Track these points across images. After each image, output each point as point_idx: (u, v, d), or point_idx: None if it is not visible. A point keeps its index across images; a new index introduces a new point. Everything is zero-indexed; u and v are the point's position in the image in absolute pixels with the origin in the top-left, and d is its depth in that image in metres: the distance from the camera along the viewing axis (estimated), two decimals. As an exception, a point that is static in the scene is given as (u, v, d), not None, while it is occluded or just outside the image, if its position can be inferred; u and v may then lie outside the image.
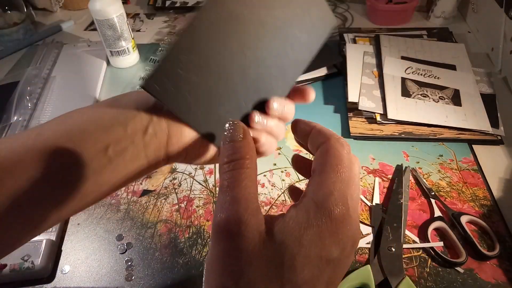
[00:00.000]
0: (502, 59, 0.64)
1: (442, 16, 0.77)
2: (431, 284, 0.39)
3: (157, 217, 0.47)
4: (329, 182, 0.21)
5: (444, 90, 0.58)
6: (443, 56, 0.64)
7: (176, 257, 0.43)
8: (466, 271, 0.40)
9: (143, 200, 0.50)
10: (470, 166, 0.50)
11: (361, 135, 0.54)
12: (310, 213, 0.20)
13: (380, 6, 0.76)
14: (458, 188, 0.48)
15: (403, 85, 0.59)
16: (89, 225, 0.47)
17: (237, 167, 0.22)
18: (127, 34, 0.69)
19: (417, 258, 0.41)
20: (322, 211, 0.20)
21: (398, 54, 0.64)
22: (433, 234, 0.43)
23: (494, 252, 0.40)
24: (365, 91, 0.58)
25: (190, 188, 0.50)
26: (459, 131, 0.53)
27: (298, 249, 0.20)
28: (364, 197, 0.47)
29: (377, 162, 0.52)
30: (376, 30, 0.75)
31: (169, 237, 0.45)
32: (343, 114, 0.59)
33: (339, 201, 0.21)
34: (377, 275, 0.39)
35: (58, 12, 0.94)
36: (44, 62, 0.73)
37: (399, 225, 0.43)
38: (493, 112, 0.55)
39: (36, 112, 0.61)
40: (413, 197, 0.47)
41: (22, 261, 0.41)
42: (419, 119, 0.54)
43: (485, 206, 0.46)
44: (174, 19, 0.88)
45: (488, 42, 0.70)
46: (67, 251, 0.45)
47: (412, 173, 0.50)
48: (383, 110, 0.55)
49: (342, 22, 0.82)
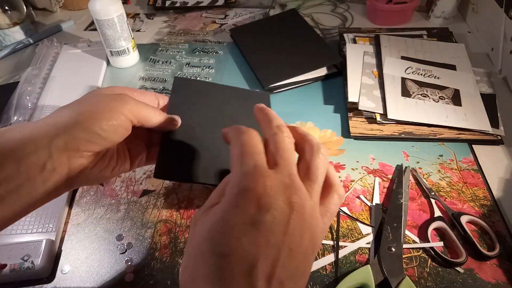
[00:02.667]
0: (502, 59, 0.64)
1: (442, 16, 0.77)
2: (431, 284, 0.39)
3: (157, 217, 0.47)
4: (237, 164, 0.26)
5: (444, 90, 0.58)
6: (443, 56, 0.64)
7: (176, 257, 0.43)
8: (466, 271, 0.40)
9: (143, 200, 0.50)
10: (470, 166, 0.50)
11: (361, 135, 0.54)
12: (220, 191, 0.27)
13: (380, 6, 0.76)
14: (458, 188, 0.48)
15: (403, 85, 0.59)
16: (89, 225, 0.47)
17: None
18: (127, 34, 0.69)
19: (417, 258, 0.41)
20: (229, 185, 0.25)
21: (398, 54, 0.64)
22: (433, 234, 0.44)
23: (494, 252, 0.40)
24: (365, 91, 0.58)
25: (190, 188, 0.50)
26: (459, 131, 0.53)
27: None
28: (364, 197, 0.47)
29: (377, 162, 0.52)
30: (376, 30, 0.75)
31: (169, 237, 0.45)
32: (343, 114, 0.59)
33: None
34: (377, 275, 0.39)
35: (58, 12, 0.94)
36: (44, 62, 0.73)
37: (399, 225, 0.43)
38: (493, 112, 0.55)
39: (36, 112, 0.61)
40: (413, 197, 0.47)
41: (22, 261, 0.41)
42: (419, 119, 0.54)
43: (485, 206, 0.46)
44: (174, 19, 0.88)
45: (488, 42, 0.70)
46: (67, 251, 0.45)
47: (412, 173, 0.50)
48: (383, 110, 0.55)
49: (342, 22, 0.82)
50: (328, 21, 0.82)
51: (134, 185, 0.52)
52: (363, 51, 0.66)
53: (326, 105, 0.61)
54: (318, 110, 0.60)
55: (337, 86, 0.64)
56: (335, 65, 0.66)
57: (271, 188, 0.24)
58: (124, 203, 0.49)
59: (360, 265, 0.41)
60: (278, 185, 0.24)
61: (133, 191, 0.51)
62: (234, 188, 0.24)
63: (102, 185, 0.52)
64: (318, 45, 0.69)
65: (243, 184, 0.24)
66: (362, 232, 0.44)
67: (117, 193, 0.51)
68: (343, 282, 0.38)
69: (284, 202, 0.24)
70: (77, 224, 0.47)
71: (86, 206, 0.50)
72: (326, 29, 0.80)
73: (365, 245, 0.43)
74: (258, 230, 0.22)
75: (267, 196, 0.23)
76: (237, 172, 0.25)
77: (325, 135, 0.56)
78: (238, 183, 0.24)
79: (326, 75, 0.65)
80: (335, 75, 0.66)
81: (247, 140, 0.26)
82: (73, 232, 0.47)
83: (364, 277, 0.39)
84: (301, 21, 0.76)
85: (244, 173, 0.24)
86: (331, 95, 0.63)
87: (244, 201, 0.23)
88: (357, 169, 0.51)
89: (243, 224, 0.22)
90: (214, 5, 0.90)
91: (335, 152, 0.54)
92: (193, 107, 0.47)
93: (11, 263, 0.41)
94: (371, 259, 0.41)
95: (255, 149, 0.26)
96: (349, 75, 0.61)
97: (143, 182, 0.52)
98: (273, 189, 0.24)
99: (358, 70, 0.62)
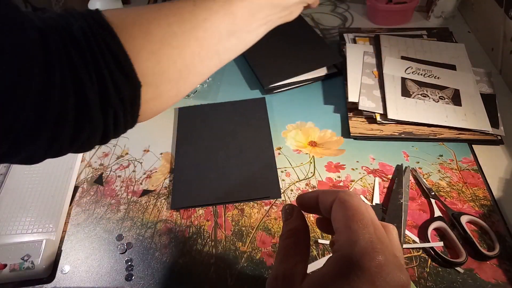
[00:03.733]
0: (502, 59, 0.64)
1: (442, 16, 0.77)
2: (431, 284, 0.39)
3: (157, 217, 0.47)
4: (351, 232, 0.22)
5: (444, 90, 0.58)
6: (443, 56, 0.64)
7: (176, 257, 0.43)
8: (466, 271, 0.40)
9: (143, 200, 0.50)
10: (470, 166, 0.50)
11: (361, 135, 0.54)
12: (337, 265, 0.21)
13: (380, 6, 0.76)
14: (458, 188, 0.48)
15: (403, 85, 0.59)
16: (89, 225, 0.47)
17: (289, 236, 0.26)
18: (127, 34, 0.69)
19: (417, 258, 0.41)
20: (351, 262, 0.21)
21: (398, 54, 0.64)
22: (433, 234, 0.43)
23: (494, 252, 0.40)
24: (365, 91, 0.58)
25: (190, 188, 0.50)
26: (459, 131, 0.53)
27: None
28: (364, 197, 0.47)
29: (377, 162, 0.52)
30: (376, 30, 0.75)
31: (169, 237, 0.45)
32: (343, 114, 0.59)
33: (367, 249, 0.21)
34: (377, 275, 0.39)
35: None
36: (44, 62, 0.73)
37: (399, 225, 0.43)
38: (493, 112, 0.55)
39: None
40: (413, 197, 0.47)
41: (22, 261, 0.41)
42: (419, 119, 0.54)
43: (485, 206, 0.46)
44: (174, 19, 0.88)
45: (488, 42, 0.70)
46: (67, 251, 0.45)
47: (412, 173, 0.50)
48: (383, 110, 0.55)
49: (342, 22, 0.82)
50: (328, 21, 0.82)
51: (134, 185, 0.52)
52: (363, 51, 0.66)
53: (326, 105, 0.61)
54: (318, 110, 0.60)
55: (337, 86, 0.64)
56: (335, 65, 0.66)
57: (386, 269, 0.21)
58: (124, 203, 0.49)
59: (360, 265, 0.41)
60: (391, 266, 0.22)
61: (133, 191, 0.51)
62: (346, 262, 0.21)
63: (102, 185, 0.52)
64: (318, 45, 0.69)
65: (359, 261, 0.21)
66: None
67: (117, 193, 0.51)
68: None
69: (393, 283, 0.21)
70: (77, 224, 0.47)
71: (86, 206, 0.50)
72: (326, 29, 0.80)
73: (365, 245, 0.43)
74: None
75: (382, 278, 0.21)
76: (350, 244, 0.22)
77: (325, 135, 0.56)
78: (353, 258, 0.21)
79: (326, 75, 0.65)
80: (335, 75, 0.66)
81: (358, 206, 0.24)
82: (73, 232, 0.47)
83: (364, 277, 0.38)
84: (301, 21, 0.76)
85: (360, 248, 0.22)
86: (331, 95, 0.63)
87: (359, 280, 0.21)
88: (357, 169, 0.51)
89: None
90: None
91: (335, 152, 0.54)
92: (197, 134, 0.56)
93: (11, 263, 0.41)
94: (371, 259, 0.41)
95: (367, 218, 0.23)
96: (349, 75, 0.61)
97: (143, 182, 0.52)
98: (387, 271, 0.21)
99: (358, 70, 0.62)
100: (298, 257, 0.25)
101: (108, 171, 0.54)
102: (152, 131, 0.59)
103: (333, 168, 0.52)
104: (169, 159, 0.55)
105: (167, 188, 0.51)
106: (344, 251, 0.22)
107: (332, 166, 0.52)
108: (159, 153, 0.56)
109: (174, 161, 0.54)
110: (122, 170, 0.54)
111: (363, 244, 0.21)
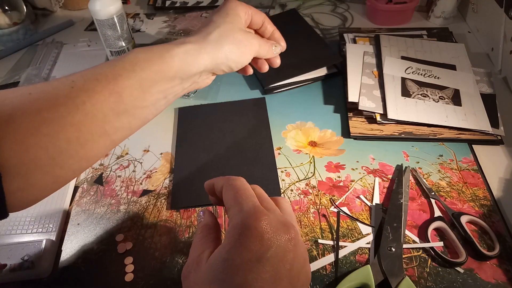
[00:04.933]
0: (502, 59, 0.64)
1: (442, 16, 0.77)
2: (431, 284, 0.39)
3: (157, 217, 0.47)
4: (237, 204, 0.28)
5: (444, 90, 0.58)
6: (443, 56, 0.64)
7: (176, 257, 0.43)
8: (466, 271, 0.40)
9: (143, 200, 0.50)
10: (470, 166, 0.50)
11: (361, 135, 0.54)
12: (230, 233, 0.26)
13: (380, 6, 0.76)
14: (458, 188, 0.48)
15: (403, 85, 0.59)
16: (89, 225, 0.47)
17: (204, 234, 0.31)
18: (127, 34, 0.69)
19: (417, 258, 0.41)
20: (239, 226, 0.26)
21: (398, 54, 0.64)
22: (433, 234, 0.43)
23: (494, 252, 0.40)
24: (365, 91, 0.58)
25: (190, 188, 0.50)
26: (459, 131, 0.53)
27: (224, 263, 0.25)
28: (364, 197, 0.47)
29: (377, 162, 0.52)
30: (376, 30, 0.75)
31: (169, 237, 0.45)
32: (343, 114, 0.59)
33: (251, 212, 0.26)
34: (377, 275, 0.39)
35: (58, 12, 0.94)
36: (44, 62, 0.73)
37: (399, 225, 0.43)
38: (493, 112, 0.55)
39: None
40: (413, 197, 0.47)
41: (22, 261, 0.41)
42: (419, 119, 0.54)
43: (485, 206, 0.46)
44: (174, 19, 0.88)
45: (488, 42, 0.70)
46: (67, 251, 0.45)
47: (412, 173, 0.50)
48: (383, 110, 0.55)
49: (342, 22, 0.82)
50: (328, 21, 0.82)
51: (134, 185, 0.52)
52: (363, 51, 0.66)
53: (326, 105, 0.61)
54: (318, 110, 0.60)
55: (337, 86, 0.64)
56: (335, 65, 0.66)
57: (271, 225, 0.26)
58: (124, 203, 0.49)
59: (360, 265, 0.41)
60: (276, 222, 0.26)
61: (133, 191, 0.51)
62: (236, 228, 0.26)
63: (102, 185, 0.52)
64: (318, 45, 0.69)
65: (246, 223, 0.25)
66: (362, 232, 0.44)
67: (117, 193, 0.51)
68: (343, 282, 0.38)
69: (284, 238, 0.26)
70: (77, 224, 0.47)
71: (86, 206, 0.50)
72: (326, 29, 0.80)
73: (365, 245, 0.43)
74: (263, 266, 0.24)
75: (269, 233, 0.25)
76: (236, 213, 0.27)
77: (325, 135, 0.56)
78: (240, 223, 0.26)
79: (326, 75, 0.65)
80: (335, 75, 0.66)
81: (241, 185, 0.29)
82: (73, 232, 0.47)
83: (364, 277, 0.39)
84: (301, 21, 0.76)
85: (244, 213, 0.26)
86: (331, 95, 0.63)
87: (248, 239, 0.25)
88: (357, 169, 0.51)
89: (249, 262, 0.24)
90: (214, 5, 0.90)
91: (335, 152, 0.54)
92: (197, 134, 0.56)
93: (11, 263, 0.41)
94: (371, 259, 0.41)
95: (250, 192, 0.29)
96: (349, 75, 0.61)
97: (143, 182, 0.52)
98: (273, 226, 0.26)
99: (358, 70, 0.62)
100: (205, 246, 0.28)
101: (108, 171, 0.54)
102: (152, 131, 0.59)
103: (333, 168, 0.52)
104: (169, 159, 0.55)
105: (167, 188, 0.51)
106: (234, 220, 0.26)
107: (332, 166, 0.52)
108: (159, 153, 0.56)
109: (174, 161, 0.54)
110: (122, 170, 0.54)
111: (247, 209, 0.27)
